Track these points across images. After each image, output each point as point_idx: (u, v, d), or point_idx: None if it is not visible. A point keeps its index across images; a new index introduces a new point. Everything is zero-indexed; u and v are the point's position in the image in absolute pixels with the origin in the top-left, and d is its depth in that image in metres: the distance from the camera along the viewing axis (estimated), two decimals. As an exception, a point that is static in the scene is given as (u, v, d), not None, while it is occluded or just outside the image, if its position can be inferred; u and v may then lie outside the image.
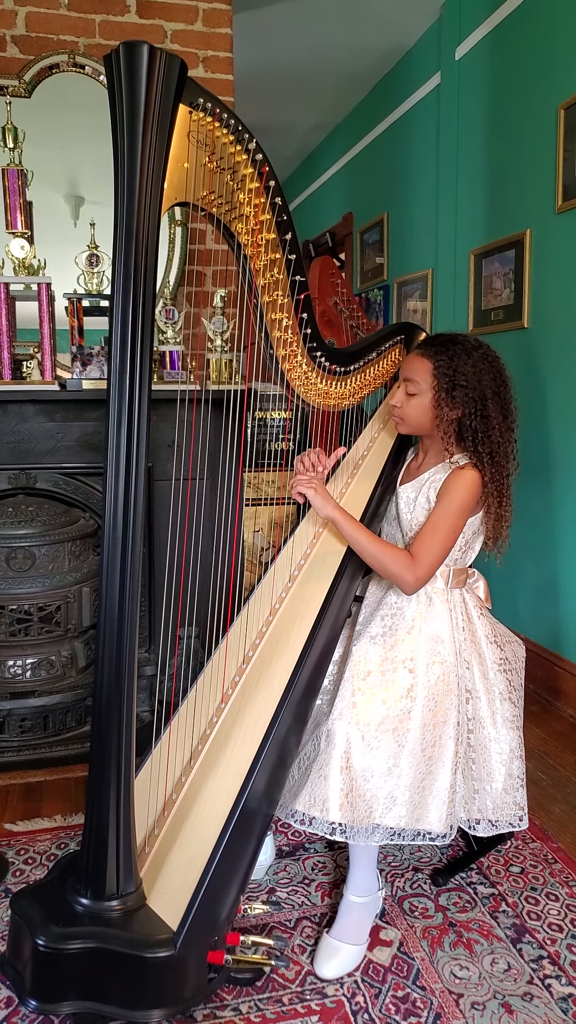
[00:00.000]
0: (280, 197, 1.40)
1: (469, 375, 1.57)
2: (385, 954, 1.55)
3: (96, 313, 2.45)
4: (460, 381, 1.57)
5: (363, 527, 1.62)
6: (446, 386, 1.59)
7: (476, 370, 1.58)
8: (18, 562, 2.23)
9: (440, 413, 1.61)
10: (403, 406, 1.68)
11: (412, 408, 1.67)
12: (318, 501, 1.62)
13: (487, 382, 1.58)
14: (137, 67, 1.10)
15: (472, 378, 1.57)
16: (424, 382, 1.62)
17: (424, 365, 1.63)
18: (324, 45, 3.73)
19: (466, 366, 1.58)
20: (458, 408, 1.59)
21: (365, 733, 1.48)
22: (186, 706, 1.59)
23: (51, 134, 2.74)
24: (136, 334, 1.15)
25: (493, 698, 1.61)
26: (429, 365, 1.62)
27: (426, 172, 3.66)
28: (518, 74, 2.88)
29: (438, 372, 1.60)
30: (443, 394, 1.59)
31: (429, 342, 1.67)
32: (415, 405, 1.66)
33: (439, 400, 1.60)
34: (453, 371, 1.58)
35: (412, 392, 1.66)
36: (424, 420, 1.66)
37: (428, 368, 1.62)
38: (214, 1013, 1.40)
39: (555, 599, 2.78)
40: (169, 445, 2.46)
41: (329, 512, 1.62)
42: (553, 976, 1.49)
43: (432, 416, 1.64)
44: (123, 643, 1.20)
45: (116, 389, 1.16)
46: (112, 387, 1.16)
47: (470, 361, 1.58)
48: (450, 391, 1.58)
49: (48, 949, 1.19)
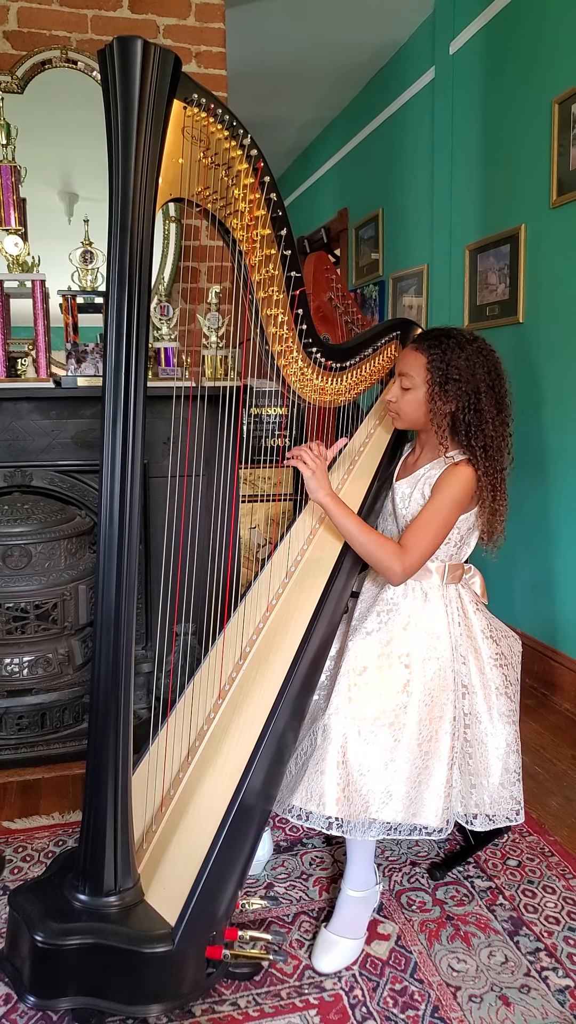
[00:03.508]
0: (275, 193, 1.39)
1: (462, 368, 1.58)
2: (383, 948, 1.56)
3: (91, 310, 2.45)
4: (453, 375, 1.58)
5: (354, 515, 1.62)
6: (439, 379, 1.59)
7: (470, 364, 1.58)
8: (14, 560, 2.23)
9: (434, 407, 1.62)
10: (398, 401, 1.69)
11: (407, 403, 1.67)
12: (313, 483, 1.62)
13: (481, 375, 1.59)
14: (131, 62, 1.09)
15: (465, 371, 1.58)
16: (418, 376, 1.63)
17: (418, 359, 1.63)
18: (318, 40, 3.72)
19: (459, 360, 1.58)
20: (451, 401, 1.60)
21: (361, 728, 1.49)
22: (183, 702, 1.60)
23: (44, 130, 2.73)
24: (131, 331, 1.15)
25: (489, 693, 1.61)
26: (423, 359, 1.62)
27: (421, 167, 3.65)
28: (512, 68, 2.87)
29: (431, 366, 1.60)
30: (436, 387, 1.60)
31: (423, 337, 1.68)
32: (410, 399, 1.66)
33: (432, 394, 1.61)
34: (446, 364, 1.59)
35: (407, 386, 1.66)
36: (419, 414, 1.67)
37: (422, 362, 1.62)
38: (212, 1008, 1.41)
39: (551, 594, 2.78)
40: (165, 442, 2.46)
41: (321, 497, 1.62)
42: (550, 968, 1.50)
43: (426, 410, 1.64)
44: (120, 640, 1.20)
45: (111, 386, 1.16)
46: (107, 384, 1.16)
47: (463, 355, 1.59)
48: (443, 384, 1.59)
49: (46, 945, 1.19)
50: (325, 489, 1.62)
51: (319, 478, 1.63)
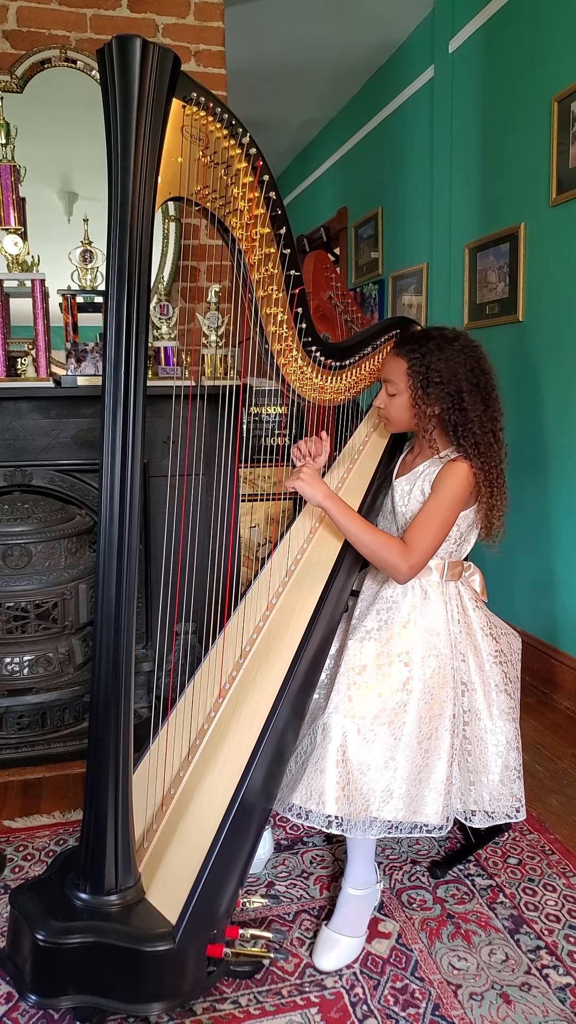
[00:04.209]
0: (274, 192, 1.39)
1: (443, 370, 1.58)
2: (383, 946, 1.56)
3: (90, 309, 2.45)
4: (434, 378, 1.59)
5: (356, 515, 1.62)
6: (421, 383, 1.60)
7: (450, 364, 1.59)
8: (14, 559, 2.23)
9: (419, 410, 1.63)
10: (386, 407, 1.71)
11: (394, 408, 1.69)
12: (307, 490, 1.61)
13: (463, 374, 1.59)
14: (130, 61, 1.09)
15: (446, 373, 1.58)
16: (401, 382, 1.64)
17: (399, 365, 1.64)
18: (317, 39, 3.72)
19: (439, 362, 1.59)
20: (435, 403, 1.61)
21: (361, 727, 1.49)
22: (183, 701, 1.60)
23: (44, 130, 2.73)
24: (131, 330, 1.15)
25: (489, 690, 1.62)
26: (403, 364, 1.63)
27: (420, 166, 3.65)
28: (511, 67, 2.87)
29: (412, 371, 1.62)
30: (419, 391, 1.61)
31: (403, 341, 1.69)
32: (396, 405, 1.68)
33: (416, 398, 1.62)
34: (426, 368, 1.59)
35: (391, 392, 1.68)
36: (407, 418, 1.68)
37: (403, 368, 1.63)
38: (213, 1006, 1.41)
39: (551, 591, 2.79)
40: (165, 441, 2.46)
41: (319, 499, 1.60)
42: (551, 966, 1.50)
43: (413, 413, 1.65)
44: (120, 639, 1.20)
45: (111, 385, 1.16)
46: (107, 383, 1.16)
47: (443, 356, 1.59)
48: (425, 388, 1.60)
49: (48, 944, 1.20)
50: (322, 492, 1.60)
51: (311, 483, 1.60)
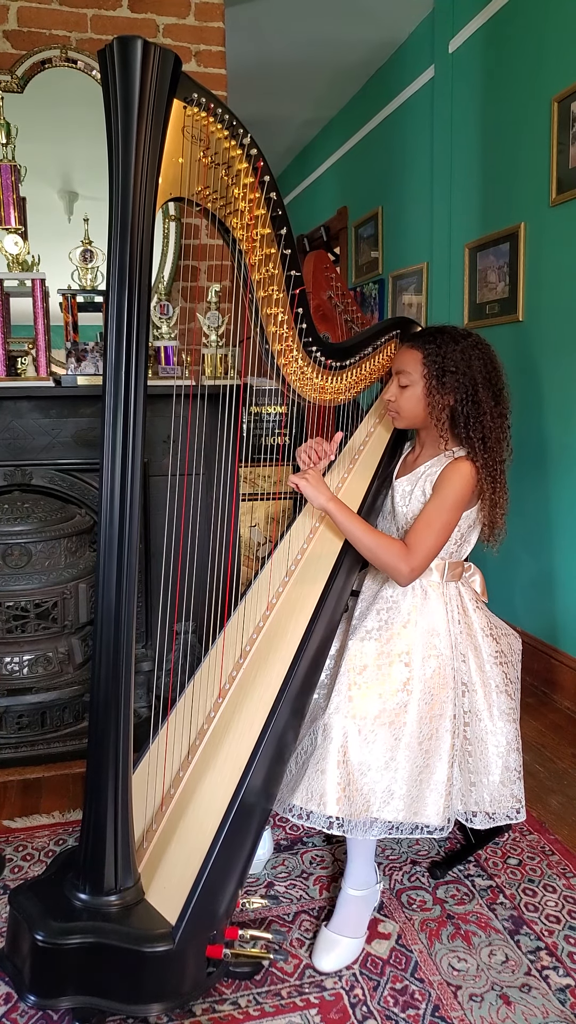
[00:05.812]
0: (275, 192, 1.39)
1: (458, 361, 1.59)
2: (383, 947, 1.56)
3: (91, 309, 2.45)
4: (450, 367, 1.59)
5: (358, 517, 1.62)
6: (436, 373, 1.60)
7: (465, 356, 1.60)
8: (14, 559, 2.23)
9: (432, 401, 1.62)
10: (397, 399, 1.70)
11: (406, 400, 1.68)
12: (310, 491, 1.62)
13: (477, 367, 1.60)
14: (131, 62, 1.09)
15: (462, 364, 1.59)
16: (415, 372, 1.64)
17: (414, 355, 1.64)
18: (317, 39, 3.72)
19: (455, 352, 1.60)
20: (449, 394, 1.61)
21: (362, 727, 1.49)
22: (183, 701, 1.59)
23: (44, 129, 2.73)
24: (131, 330, 1.15)
25: (489, 691, 1.61)
26: (419, 354, 1.63)
27: (420, 166, 3.65)
28: (512, 67, 2.87)
29: (428, 360, 1.62)
30: (434, 381, 1.61)
31: (418, 334, 1.70)
32: (408, 396, 1.67)
33: (430, 388, 1.62)
34: (442, 358, 1.60)
35: (404, 384, 1.67)
36: (418, 410, 1.67)
37: (418, 358, 1.63)
38: (213, 1007, 1.41)
39: (551, 592, 2.78)
40: (165, 441, 2.46)
41: (322, 502, 1.61)
42: (551, 967, 1.50)
43: (425, 405, 1.64)
44: (120, 639, 1.20)
45: (111, 385, 1.16)
46: (107, 383, 1.16)
47: (458, 348, 1.60)
48: (440, 377, 1.60)
49: (47, 944, 1.20)
50: (325, 495, 1.62)
51: (314, 484, 1.62)
